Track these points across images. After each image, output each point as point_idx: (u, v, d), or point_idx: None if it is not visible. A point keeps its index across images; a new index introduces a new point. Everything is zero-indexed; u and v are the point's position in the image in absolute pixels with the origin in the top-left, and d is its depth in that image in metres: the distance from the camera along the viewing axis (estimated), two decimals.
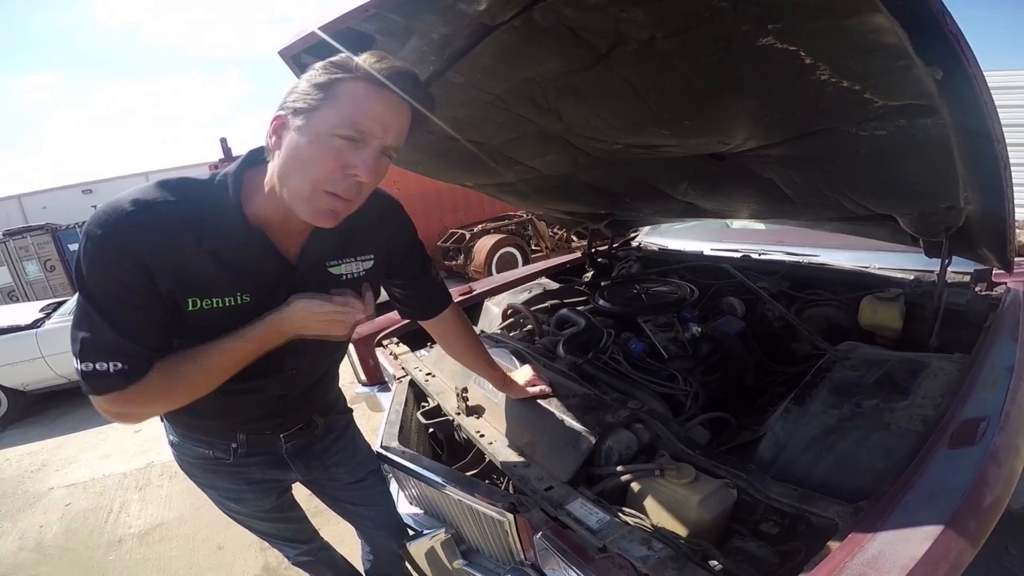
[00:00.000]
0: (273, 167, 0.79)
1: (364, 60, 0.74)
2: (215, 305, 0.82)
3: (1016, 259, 1.43)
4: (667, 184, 1.71)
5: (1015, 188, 1.09)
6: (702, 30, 0.80)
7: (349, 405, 1.32)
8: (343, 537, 1.60)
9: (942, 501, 0.75)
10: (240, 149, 8.23)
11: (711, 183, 1.58)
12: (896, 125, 0.92)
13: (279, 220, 0.84)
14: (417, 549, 1.26)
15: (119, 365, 0.76)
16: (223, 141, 8.21)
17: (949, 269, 1.43)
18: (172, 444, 1.10)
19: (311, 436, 1.17)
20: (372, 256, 1.00)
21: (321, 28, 1.04)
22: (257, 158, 0.84)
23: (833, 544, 0.75)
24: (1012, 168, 0.99)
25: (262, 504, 1.17)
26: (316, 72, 0.76)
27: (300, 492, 1.30)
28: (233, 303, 0.83)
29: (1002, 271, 1.49)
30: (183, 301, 0.80)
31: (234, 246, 0.81)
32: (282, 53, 1.22)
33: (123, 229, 0.73)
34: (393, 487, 1.46)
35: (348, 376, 1.28)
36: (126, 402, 0.79)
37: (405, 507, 1.45)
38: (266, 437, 1.09)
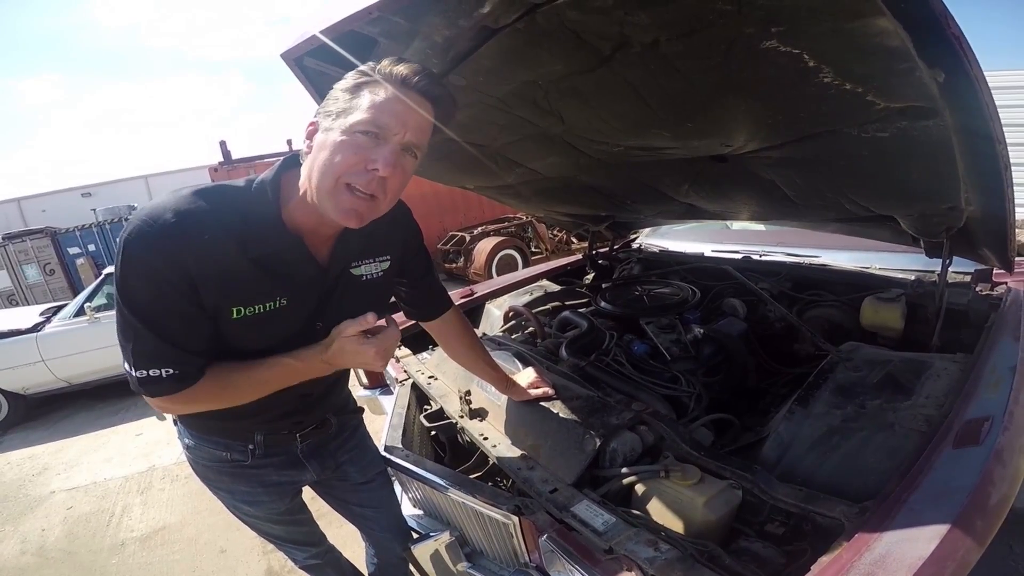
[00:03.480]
0: (305, 168, 0.83)
1: (387, 65, 0.79)
2: (257, 311, 0.84)
3: (1017, 259, 1.44)
4: (668, 186, 1.71)
5: (1015, 188, 1.09)
6: (706, 33, 0.80)
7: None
8: (347, 540, 1.60)
9: (948, 500, 0.76)
10: (240, 151, 8.26)
11: (712, 185, 1.58)
12: (898, 127, 0.92)
13: (312, 224, 0.86)
14: (421, 552, 1.26)
15: (171, 371, 0.80)
16: (223, 144, 8.23)
17: (950, 269, 1.44)
18: (187, 447, 1.09)
19: (325, 435, 1.18)
20: (388, 257, 1.03)
21: (323, 31, 1.04)
22: (292, 163, 0.87)
23: (840, 544, 0.75)
24: (1012, 168, 0.99)
25: (276, 506, 1.18)
26: (346, 80, 0.81)
27: (304, 495, 1.30)
28: (273, 307, 0.86)
29: (1003, 271, 1.49)
30: (227, 311, 0.82)
31: (275, 252, 0.83)
32: (284, 56, 1.23)
33: (167, 240, 0.74)
34: (396, 489, 1.46)
35: (350, 379, 1.29)
36: (178, 402, 0.85)
37: (408, 509, 1.45)
38: (283, 437, 1.09)
